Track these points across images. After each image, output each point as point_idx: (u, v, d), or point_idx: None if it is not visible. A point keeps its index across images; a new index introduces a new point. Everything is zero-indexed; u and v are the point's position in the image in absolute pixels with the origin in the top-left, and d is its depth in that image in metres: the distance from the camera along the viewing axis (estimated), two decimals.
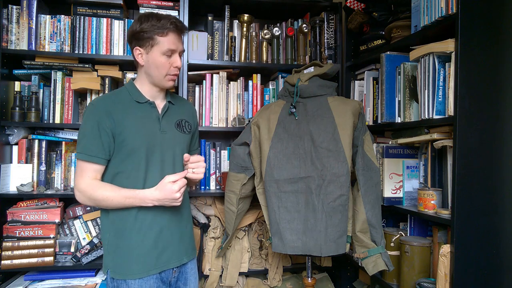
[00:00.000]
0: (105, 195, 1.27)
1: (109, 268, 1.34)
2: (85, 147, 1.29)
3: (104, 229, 1.37)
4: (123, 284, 1.31)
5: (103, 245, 1.37)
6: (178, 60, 1.36)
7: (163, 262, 1.36)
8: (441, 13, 1.41)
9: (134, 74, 2.09)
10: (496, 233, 1.36)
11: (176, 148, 1.40)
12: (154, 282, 1.34)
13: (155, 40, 1.31)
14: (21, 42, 1.92)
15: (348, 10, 2.17)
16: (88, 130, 1.29)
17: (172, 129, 1.41)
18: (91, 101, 1.37)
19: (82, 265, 1.88)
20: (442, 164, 1.59)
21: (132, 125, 1.32)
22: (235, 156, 1.75)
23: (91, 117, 1.30)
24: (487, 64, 1.35)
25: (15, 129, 1.94)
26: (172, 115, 1.44)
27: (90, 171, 1.29)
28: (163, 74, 1.35)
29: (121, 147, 1.31)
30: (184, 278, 1.46)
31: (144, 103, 1.37)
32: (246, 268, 2.02)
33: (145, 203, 1.29)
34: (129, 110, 1.34)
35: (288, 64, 2.18)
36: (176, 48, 1.34)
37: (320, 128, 1.58)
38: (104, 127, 1.28)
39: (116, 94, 1.39)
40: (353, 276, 2.21)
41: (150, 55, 1.33)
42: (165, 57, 1.33)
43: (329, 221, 1.54)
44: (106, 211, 1.35)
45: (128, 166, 1.32)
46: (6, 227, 1.83)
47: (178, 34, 1.35)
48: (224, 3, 2.13)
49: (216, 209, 2.06)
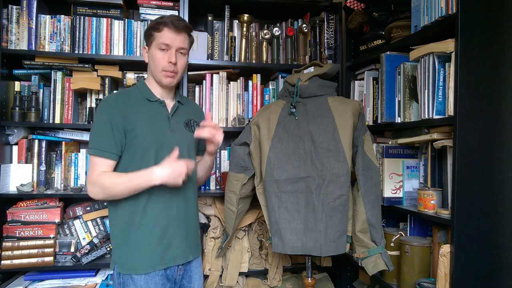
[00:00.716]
0: (114, 180, 1.30)
1: (116, 263, 1.37)
2: (97, 142, 1.32)
3: (112, 224, 1.41)
4: (129, 280, 1.34)
5: (111, 240, 1.41)
6: (173, 56, 1.38)
7: (169, 258, 1.39)
8: (441, 13, 1.41)
9: (134, 74, 2.09)
10: (496, 233, 1.36)
11: (184, 147, 1.44)
12: (160, 279, 1.36)
13: (153, 36, 1.39)
14: (21, 42, 1.92)
15: (348, 10, 2.17)
16: (100, 126, 1.33)
17: (181, 128, 1.46)
18: (103, 98, 1.43)
19: (82, 265, 1.88)
20: (442, 164, 1.59)
21: (143, 122, 1.36)
22: (235, 156, 1.75)
23: (104, 113, 1.34)
24: (487, 64, 1.35)
25: (15, 129, 1.94)
26: (181, 115, 1.48)
27: (102, 166, 1.33)
28: (159, 69, 1.39)
29: (131, 144, 1.35)
30: (189, 276, 1.48)
31: (154, 101, 1.42)
32: (246, 268, 2.02)
33: (151, 179, 1.29)
34: (140, 108, 1.38)
35: (288, 64, 2.17)
36: (171, 43, 1.37)
37: (320, 128, 1.58)
38: (116, 123, 1.32)
39: (128, 92, 1.44)
40: (353, 276, 2.21)
41: (150, 51, 1.41)
42: (160, 52, 1.38)
43: (329, 221, 1.54)
44: (114, 206, 1.38)
45: (138, 163, 1.35)
46: (6, 227, 1.83)
47: (175, 31, 1.38)
48: (224, 3, 2.12)
49: (216, 209, 2.06)
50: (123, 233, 1.37)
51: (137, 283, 1.33)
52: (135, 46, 2.02)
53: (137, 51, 2.02)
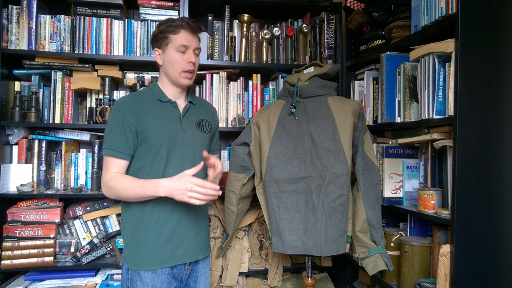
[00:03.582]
0: (125, 185, 1.33)
1: (126, 259, 1.41)
2: (111, 143, 1.36)
3: (124, 222, 1.44)
4: (136, 276, 1.37)
5: (123, 237, 1.45)
6: (192, 56, 1.42)
7: (178, 256, 1.41)
8: (441, 13, 1.41)
9: (134, 74, 2.10)
10: (496, 233, 1.36)
11: (196, 147, 1.46)
12: (166, 278, 1.39)
13: (169, 39, 1.40)
14: (21, 42, 1.92)
15: (348, 10, 2.17)
16: (114, 127, 1.37)
17: (192, 128, 1.48)
18: (117, 100, 1.47)
19: (82, 265, 1.88)
20: (442, 164, 1.58)
21: (155, 123, 1.39)
22: (235, 156, 1.75)
23: (117, 114, 1.37)
24: (487, 64, 1.35)
25: (15, 129, 1.94)
26: (193, 115, 1.50)
27: (115, 166, 1.36)
28: (178, 71, 1.41)
29: (143, 144, 1.38)
30: (195, 276, 1.50)
31: (166, 102, 1.45)
32: (246, 268, 2.02)
33: (156, 191, 1.30)
34: (152, 109, 1.41)
35: (288, 64, 2.18)
36: (188, 44, 1.40)
37: (320, 128, 1.58)
38: (128, 124, 1.36)
39: (140, 93, 1.47)
40: (353, 276, 2.21)
41: (166, 53, 1.41)
42: (178, 53, 1.40)
43: (329, 221, 1.54)
44: (127, 205, 1.41)
45: (149, 162, 1.38)
46: (6, 227, 1.83)
47: (191, 32, 1.41)
48: (224, 3, 2.13)
49: (216, 209, 2.06)
50: (134, 231, 1.40)
51: (143, 280, 1.36)
52: (135, 46, 2.02)
53: (137, 51, 2.02)
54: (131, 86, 2.09)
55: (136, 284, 1.36)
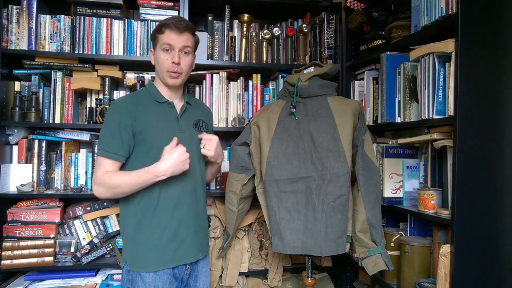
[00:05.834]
0: (120, 179, 1.33)
1: (127, 260, 1.40)
2: (105, 143, 1.36)
3: (123, 223, 1.43)
4: (138, 277, 1.36)
5: (122, 238, 1.43)
6: (176, 56, 1.40)
7: (179, 256, 1.41)
8: (441, 13, 1.41)
9: (134, 74, 2.10)
10: (496, 233, 1.36)
11: (193, 147, 1.47)
12: (168, 278, 1.39)
13: (157, 39, 1.42)
14: (21, 42, 1.92)
15: (348, 10, 2.17)
16: (109, 128, 1.36)
17: (190, 128, 1.49)
18: (114, 101, 1.47)
19: (82, 265, 1.88)
20: (442, 164, 1.59)
21: (153, 124, 1.39)
22: (235, 156, 1.75)
23: (113, 115, 1.37)
24: (487, 64, 1.35)
25: (15, 129, 1.94)
26: (190, 115, 1.51)
27: (106, 166, 1.36)
28: (163, 70, 1.41)
29: (141, 145, 1.38)
30: (195, 275, 1.51)
31: (163, 103, 1.45)
32: (246, 268, 2.02)
33: (156, 176, 1.32)
34: (150, 110, 1.41)
35: (288, 64, 2.18)
36: (173, 43, 1.39)
37: (320, 128, 1.58)
38: (125, 125, 1.35)
39: (137, 94, 1.48)
40: (353, 276, 2.21)
41: (155, 53, 1.44)
42: (163, 52, 1.40)
43: (329, 221, 1.54)
44: (126, 206, 1.41)
45: (148, 163, 1.36)
46: (6, 227, 1.83)
47: (176, 31, 1.40)
48: (224, 3, 2.12)
49: (216, 209, 2.06)
50: (134, 232, 1.39)
51: (145, 281, 1.36)
52: (135, 46, 2.02)
53: (137, 51, 2.02)
54: (131, 86, 2.09)
55: (137, 285, 1.36)
